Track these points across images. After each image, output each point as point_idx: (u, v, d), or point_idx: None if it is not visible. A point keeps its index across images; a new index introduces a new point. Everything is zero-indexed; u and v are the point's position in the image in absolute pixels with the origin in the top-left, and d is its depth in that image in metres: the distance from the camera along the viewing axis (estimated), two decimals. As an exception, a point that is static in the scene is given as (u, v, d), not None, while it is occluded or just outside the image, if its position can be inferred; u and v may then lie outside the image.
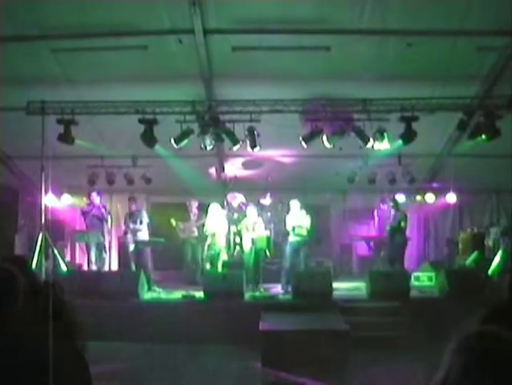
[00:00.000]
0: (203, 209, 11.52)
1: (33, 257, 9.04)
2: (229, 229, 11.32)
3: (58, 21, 7.61)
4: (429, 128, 9.20)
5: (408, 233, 11.71)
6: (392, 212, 11.25)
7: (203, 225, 11.26)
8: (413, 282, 10.05)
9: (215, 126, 9.00)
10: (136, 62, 8.49)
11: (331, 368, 6.78)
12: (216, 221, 10.92)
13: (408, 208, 12.64)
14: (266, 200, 12.03)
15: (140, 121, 8.81)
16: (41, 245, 9.04)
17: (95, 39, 7.95)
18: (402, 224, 10.92)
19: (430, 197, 13.17)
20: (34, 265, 8.90)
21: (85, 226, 11.43)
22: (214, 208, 11.04)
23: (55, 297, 2.37)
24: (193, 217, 11.83)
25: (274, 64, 8.49)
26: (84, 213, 11.31)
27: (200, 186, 11.85)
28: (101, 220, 11.09)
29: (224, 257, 11.03)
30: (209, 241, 10.89)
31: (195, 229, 11.71)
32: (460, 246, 12.19)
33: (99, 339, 5.13)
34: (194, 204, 11.83)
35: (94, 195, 11.22)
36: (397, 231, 10.89)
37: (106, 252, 11.45)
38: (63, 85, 8.70)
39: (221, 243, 10.93)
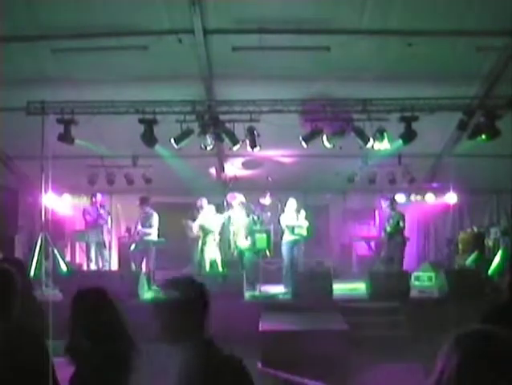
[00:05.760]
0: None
1: (33, 257, 9.04)
2: (228, 229, 11.32)
3: (59, 21, 7.61)
4: (429, 128, 9.19)
5: (407, 232, 11.71)
6: (389, 212, 11.26)
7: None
8: (413, 282, 10.05)
9: (215, 126, 8.99)
10: (136, 62, 8.48)
11: (331, 368, 6.77)
12: (209, 221, 10.95)
13: (408, 209, 12.65)
14: (266, 200, 12.01)
15: (140, 121, 8.80)
16: (41, 245, 9.04)
17: (95, 39, 7.95)
18: (400, 224, 10.92)
19: (430, 197, 13.18)
20: (34, 265, 8.91)
21: (85, 225, 11.44)
22: (208, 209, 11.07)
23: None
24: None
25: (274, 64, 8.49)
26: (86, 212, 11.35)
27: (200, 186, 11.83)
28: (100, 220, 11.12)
29: (218, 255, 11.00)
30: (201, 240, 10.90)
31: None
32: (460, 246, 12.18)
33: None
34: (204, 203, 11.76)
35: (99, 196, 11.32)
36: (396, 231, 10.90)
37: (106, 252, 11.46)
38: (63, 85, 8.70)
39: (214, 243, 10.94)
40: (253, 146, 9.28)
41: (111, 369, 2.73)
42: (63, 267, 10.22)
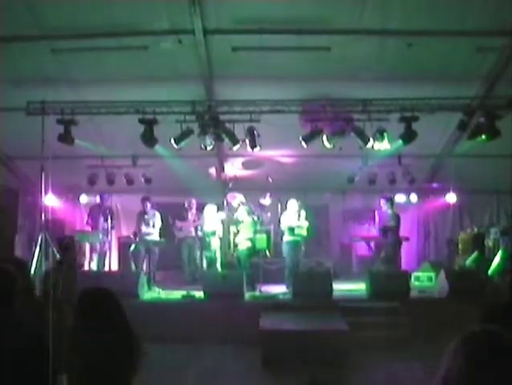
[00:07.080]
0: (201, 209, 11.53)
1: (33, 257, 9.04)
2: (228, 230, 11.34)
3: (58, 21, 7.61)
4: (429, 128, 9.20)
5: (407, 232, 11.70)
6: (388, 212, 11.27)
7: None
8: (413, 282, 10.05)
9: (215, 126, 9.00)
10: (136, 62, 8.49)
11: (331, 368, 6.78)
12: (211, 222, 10.98)
13: (408, 209, 12.64)
14: (266, 201, 12.03)
15: (140, 121, 8.81)
16: (41, 245, 9.03)
17: (95, 39, 7.95)
18: (392, 223, 10.91)
19: (430, 197, 13.16)
20: (34, 265, 8.91)
21: (89, 226, 11.48)
22: (210, 209, 11.12)
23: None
24: (190, 217, 11.78)
25: (274, 64, 8.49)
26: (91, 213, 11.37)
27: (200, 186, 11.84)
28: (104, 222, 11.17)
29: (218, 256, 11.03)
30: (201, 240, 10.96)
31: (192, 229, 11.67)
32: (460, 246, 12.16)
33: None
34: (193, 204, 11.80)
35: (105, 196, 11.40)
36: (388, 231, 10.90)
37: (107, 252, 11.49)
38: (63, 85, 8.71)
39: (216, 244, 10.99)
40: (253, 146, 9.28)
41: (116, 367, 2.74)
42: (63, 267, 10.20)
